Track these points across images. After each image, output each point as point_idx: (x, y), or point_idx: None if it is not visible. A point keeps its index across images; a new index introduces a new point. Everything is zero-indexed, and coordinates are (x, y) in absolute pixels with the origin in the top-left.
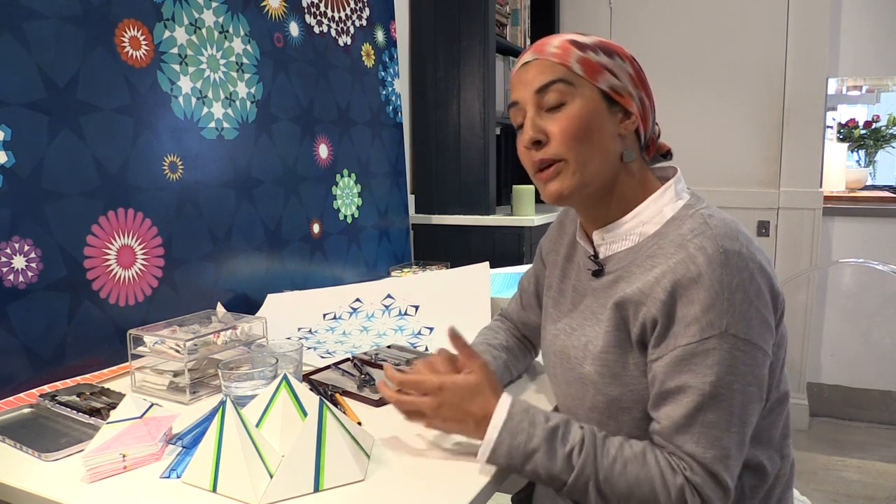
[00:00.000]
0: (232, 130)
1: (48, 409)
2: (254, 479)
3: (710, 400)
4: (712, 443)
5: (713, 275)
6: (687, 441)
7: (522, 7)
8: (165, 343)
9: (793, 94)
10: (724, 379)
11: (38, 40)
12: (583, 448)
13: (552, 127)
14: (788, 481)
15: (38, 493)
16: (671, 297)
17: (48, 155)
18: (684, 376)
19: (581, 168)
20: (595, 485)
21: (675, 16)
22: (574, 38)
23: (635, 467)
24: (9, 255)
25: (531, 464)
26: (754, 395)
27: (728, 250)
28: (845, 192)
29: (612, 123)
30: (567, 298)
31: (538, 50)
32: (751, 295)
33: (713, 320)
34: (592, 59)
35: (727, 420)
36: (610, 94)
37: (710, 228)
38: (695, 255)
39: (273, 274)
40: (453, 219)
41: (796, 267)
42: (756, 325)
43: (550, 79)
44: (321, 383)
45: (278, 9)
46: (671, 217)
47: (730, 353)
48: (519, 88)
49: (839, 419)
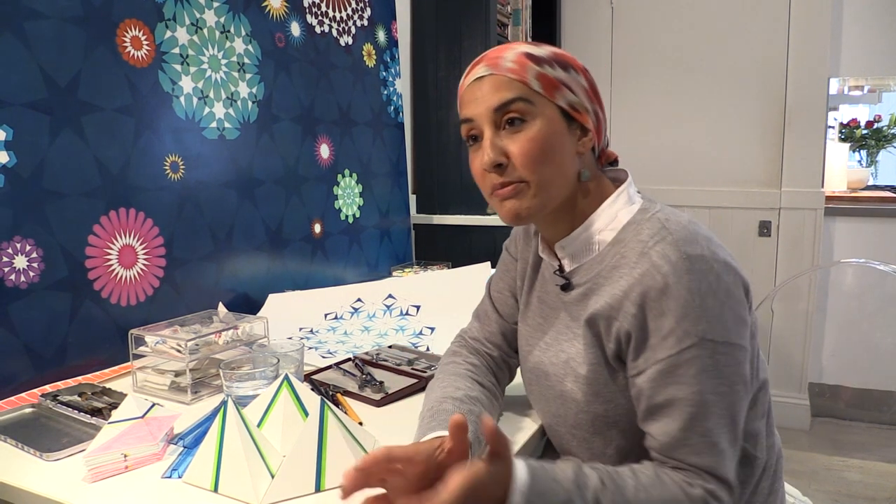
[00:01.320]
0: (233, 130)
1: (50, 408)
2: (255, 479)
3: (701, 409)
4: (711, 449)
5: (681, 283)
6: (688, 454)
7: (524, 7)
8: (167, 343)
9: (794, 94)
10: (710, 385)
11: (40, 40)
12: (605, 486)
13: (512, 148)
14: (777, 472)
15: (40, 493)
16: (641, 309)
17: (49, 155)
18: (671, 389)
19: (542, 191)
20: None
21: (676, 15)
22: (529, 51)
23: (657, 490)
24: (10, 254)
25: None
26: (741, 393)
27: (691, 255)
28: (847, 192)
29: (571, 142)
30: (534, 311)
31: (492, 64)
32: (721, 296)
33: (689, 329)
34: (550, 75)
35: (720, 424)
36: (568, 111)
37: (670, 233)
38: (659, 265)
39: (274, 274)
40: (454, 219)
41: (798, 267)
42: (731, 324)
43: (509, 97)
44: (322, 383)
45: (279, 9)
46: (627, 222)
47: (711, 358)
48: (472, 105)
49: (840, 419)
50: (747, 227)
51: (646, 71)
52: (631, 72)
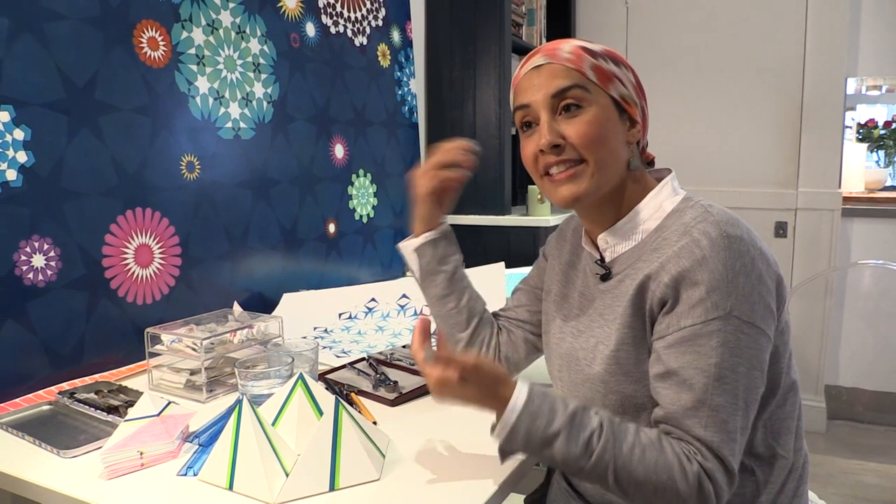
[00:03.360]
0: (248, 130)
1: (67, 406)
2: (270, 477)
3: (715, 382)
4: (720, 427)
5: (717, 257)
6: (695, 426)
7: (538, 7)
8: (182, 341)
9: (811, 94)
10: (729, 361)
11: (58, 41)
12: (602, 433)
13: (570, 131)
14: (803, 475)
15: (57, 490)
16: (676, 279)
17: (67, 155)
18: (689, 357)
19: (599, 171)
20: (613, 470)
21: (691, 15)
22: (584, 45)
23: (653, 453)
24: (28, 253)
25: (549, 448)
26: (758, 380)
27: (731, 235)
28: (864, 192)
29: (622, 131)
30: (572, 303)
31: (550, 54)
32: (753, 279)
33: (717, 302)
34: (604, 67)
35: (733, 404)
36: (620, 102)
37: (713, 215)
38: (699, 239)
39: (289, 273)
40: (468, 219)
41: (814, 268)
42: (759, 308)
43: (568, 84)
44: (337, 382)
45: (295, 9)
46: (671, 210)
47: (734, 335)
48: (529, 92)
49: (857, 422)
50: (763, 228)
51: (660, 71)
52: (645, 72)
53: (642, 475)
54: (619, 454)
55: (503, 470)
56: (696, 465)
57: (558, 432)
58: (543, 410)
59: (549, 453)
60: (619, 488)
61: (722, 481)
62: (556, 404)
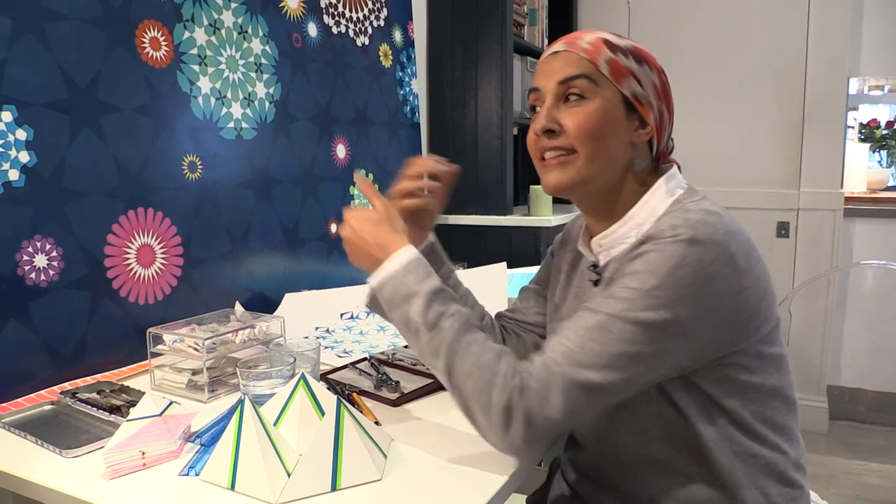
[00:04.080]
0: (250, 130)
1: (69, 406)
2: (271, 477)
3: (600, 331)
4: (574, 364)
5: (672, 246)
6: (556, 347)
7: (540, 7)
8: (184, 341)
9: (813, 94)
10: (629, 329)
11: (60, 41)
12: (454, 315)
13: (567, 120)
14: (804, 468)
15: (59, 489)
16: (629, 259)
17: (69, 155)
18: (592, 303)
19: (587, 164)
20: (447, 351)
21: (693, 14)
22: (608, 38)
23: (489, 355)
24: (31, 253)
25: (407, 304)
26: (645, 369)
27: (697, 232)
28: (866, 192)
29: (627, 130)
30: (569, 306)
31: (569, 42)
32: (699, 278)
33: (646, 278)
34: (621, 63)
35: (603, 359)
36: (631, 100)
37: (687, 213)
38: (662, 230)
39: (291, 273)
40: (470, 219)
41: (816, 269)
42: (692, 306)
43: (575, 73)
44: (338, 382)
45: (297, 9)
46: (662, 214)
47: (646, 312)
48: (542, 76)
49: (859, 422)
50: (765, 228)
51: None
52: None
53: (468, 369)
54: (457, 341)
55: (505, 470)
56: (516, 381)
57: (420, 293)
58: (420, 271)
59: (405, 309)
60: (448, 374)
61: (536, 411)
62: (433, 273)
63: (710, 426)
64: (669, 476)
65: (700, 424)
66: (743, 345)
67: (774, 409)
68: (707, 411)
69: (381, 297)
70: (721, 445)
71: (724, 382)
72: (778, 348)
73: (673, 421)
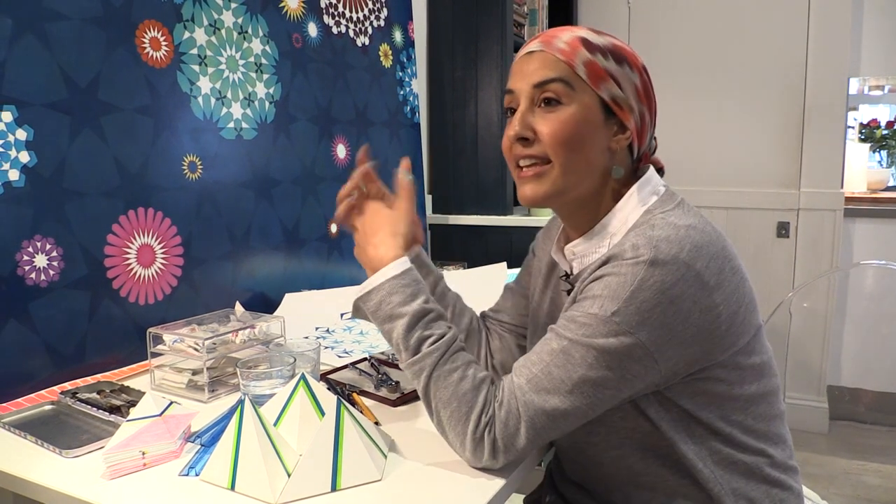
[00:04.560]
0: (250, 131)
1: (69, 406)
2: (271, 477)
3: (563, 355)
4: (539, 390)
5: (631, 269)
6: (523, 371)
7: (540, 7)
8: (184, 341)
9: (813, 94)
10: (591, 354)
11: (60, 41)
12: (436, 343)
13: (542, 127)
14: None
15: (59, 490)
16: (591, 280)
17: (69, 155)
18: (556, 330)
19: (564, 175)
20: (427, 378)
21: (694, 15)
22: (585, 37)
23: (467, 386)
24: (31, 253)
25: (390, 324)
26: (610, 387)
27: (659, 252)
28: (867, 193)
29: (605, 136)
30: (545, 311)
31: (545, 41)
32: (662, 300)
33: (605, 303)
34: (599, 65)
35: (567, 383)
36: (609, 104)
37: (653, 229)
38: (624, 251)
39: (291, 273)
40: (470, 219)
41: (817, 269)
42: (653, 329)
43: (551, 76)
44: (338, 382)
45: (297, 9)
46: (633, 224)
47: (607, 338)
48: (517, 78)
49: (860, 423)
50: (765, 229)
51: (662, 71)
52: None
53: (446, 398)
54: (439, 368)
55: (506, 471)
56: (489, 416)
57: (402, 315)
58: (405, 291)
59: (387, 329)
60: (425, 396)
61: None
62: (419, 293)
63: (687, 439)
64: (651, 489)
65: (677, 438)
66: (719, 358)
67: (756, 415)
68: (684, 424)
69: (367, 310)
70: (701, 456)
71: (699, 396)
72: (758, 357)
73: (649, 435)
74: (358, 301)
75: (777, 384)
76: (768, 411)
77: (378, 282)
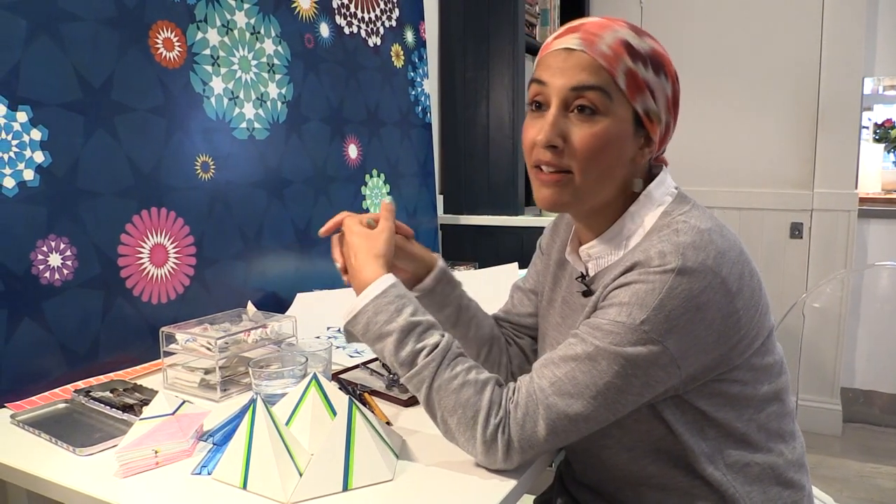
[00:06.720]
0: (263, 131)
1: (82, 404)
2: (283, 477)
3: (588, 363)
4: (563, 394)
5: (661, 276)
6: (545, 373)
7: (552, 7)
8: (197, 341)
9: (828, 94)
10: (617, 361)
11: (75, 42)
12: (432, 352)
13: (575, 138)
14: (806, 466)
15: (73, 487)
16: (616, 287)
17: (83, 155)
18: (580, 334)
19: (584, 186)
20: (427, 389)
21: (707, 14)
22: (629, 41)
23: (470, 391)
24: (45, 252)
25: (381, 344)
26: (633, 393)
27: (687, 260)
28: (881, 193)
29: (632, 149)
30: (557, 310)
31: (587, 41)
32: (689, 307)
33: (633, 311)
34: (640, 75)
35: (589, 392)
36: (642, 117)
37: (677, 234)
38: (651, 257)
39: (303, 273)
40: (482, 219)
41: (831, 270)
42: (680, 337)
43: (591, 82)
44: (350, 382)
45: (309, 10)
46: (650, 228)
47: (635, 346)
48: (551, 72)
49: (874, 425)
50: (779, 229)
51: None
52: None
53: (450, 406)
54: (438, 378)
55: (517, 472)
56: (501, 415)
57: (391, 333)
58: (389, 308)
59: (379, 349)
60: (429, 407)
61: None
62: (405, 308)
63: (701, 441)
64: (662, 490)
65: (691, 440)
66: (736, 362)
67: (769, 414)
68: (698, 426)
69: (357, 333)
70: (714, 458)
71: (716, 397)
72: (770, 357)
73: (663, 437)
74: (347, 326)
75: (788, 382)
76: (781, 409)
77: (362, 304)
